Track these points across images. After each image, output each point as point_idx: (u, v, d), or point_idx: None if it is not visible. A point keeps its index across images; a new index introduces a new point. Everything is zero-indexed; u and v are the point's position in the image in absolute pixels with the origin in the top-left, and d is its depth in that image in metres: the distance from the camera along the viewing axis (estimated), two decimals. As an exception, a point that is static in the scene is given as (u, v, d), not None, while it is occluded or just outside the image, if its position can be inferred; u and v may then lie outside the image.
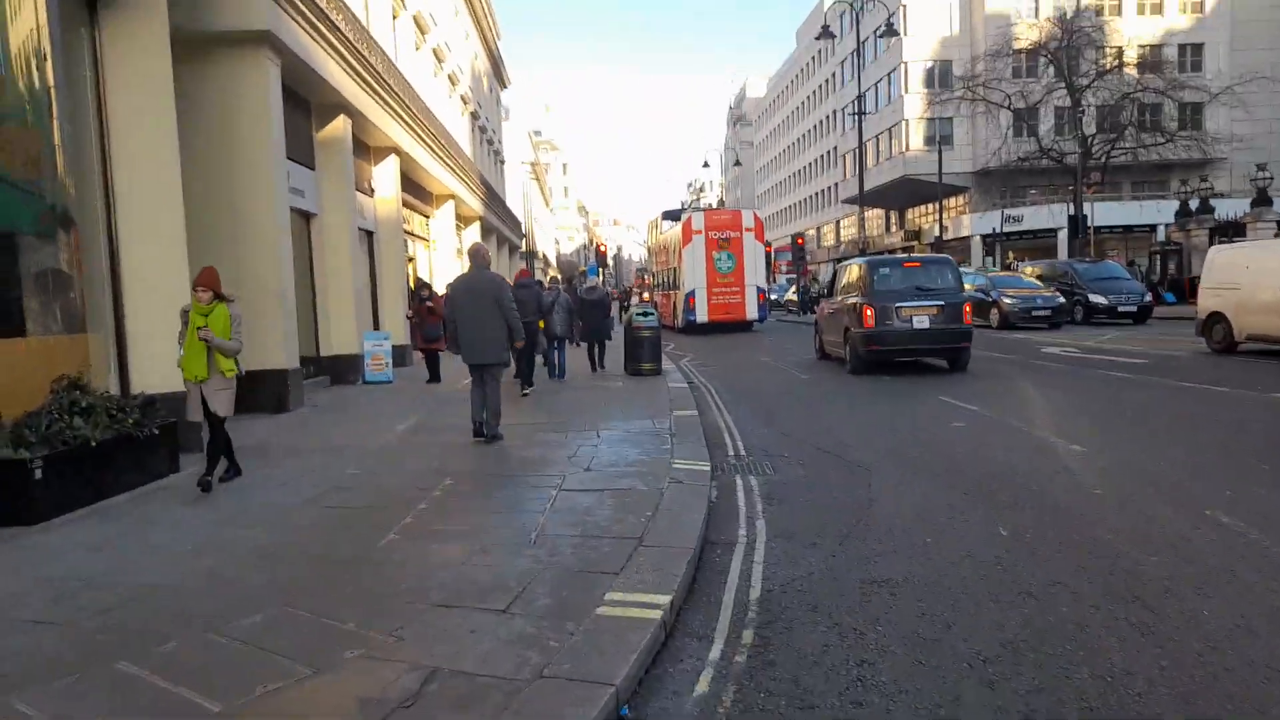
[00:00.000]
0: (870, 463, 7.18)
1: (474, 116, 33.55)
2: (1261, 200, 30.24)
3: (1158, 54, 41.22)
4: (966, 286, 25.68)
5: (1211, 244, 33.20)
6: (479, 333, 8.03)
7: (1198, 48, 46.85)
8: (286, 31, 10.71)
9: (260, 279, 10.26)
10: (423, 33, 24.01)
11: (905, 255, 22.66)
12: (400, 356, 17.67)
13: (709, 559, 4.88)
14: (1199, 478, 6.23)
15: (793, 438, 8.59)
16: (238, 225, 10.25)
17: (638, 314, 14.10)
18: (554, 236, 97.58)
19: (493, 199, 33.71)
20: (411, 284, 20.55)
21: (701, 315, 26.43)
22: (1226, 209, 34.20)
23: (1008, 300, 22.59)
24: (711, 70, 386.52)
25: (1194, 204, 33.73)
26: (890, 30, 25.98)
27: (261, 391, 10.24)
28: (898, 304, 13.33)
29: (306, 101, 13.44)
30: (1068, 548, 4.78)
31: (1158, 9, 48.06)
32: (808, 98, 77.77)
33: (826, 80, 70.62)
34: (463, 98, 30.78)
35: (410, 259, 21.91)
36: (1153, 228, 47.67)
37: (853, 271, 15.18)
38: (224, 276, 6.51)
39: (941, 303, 13.38)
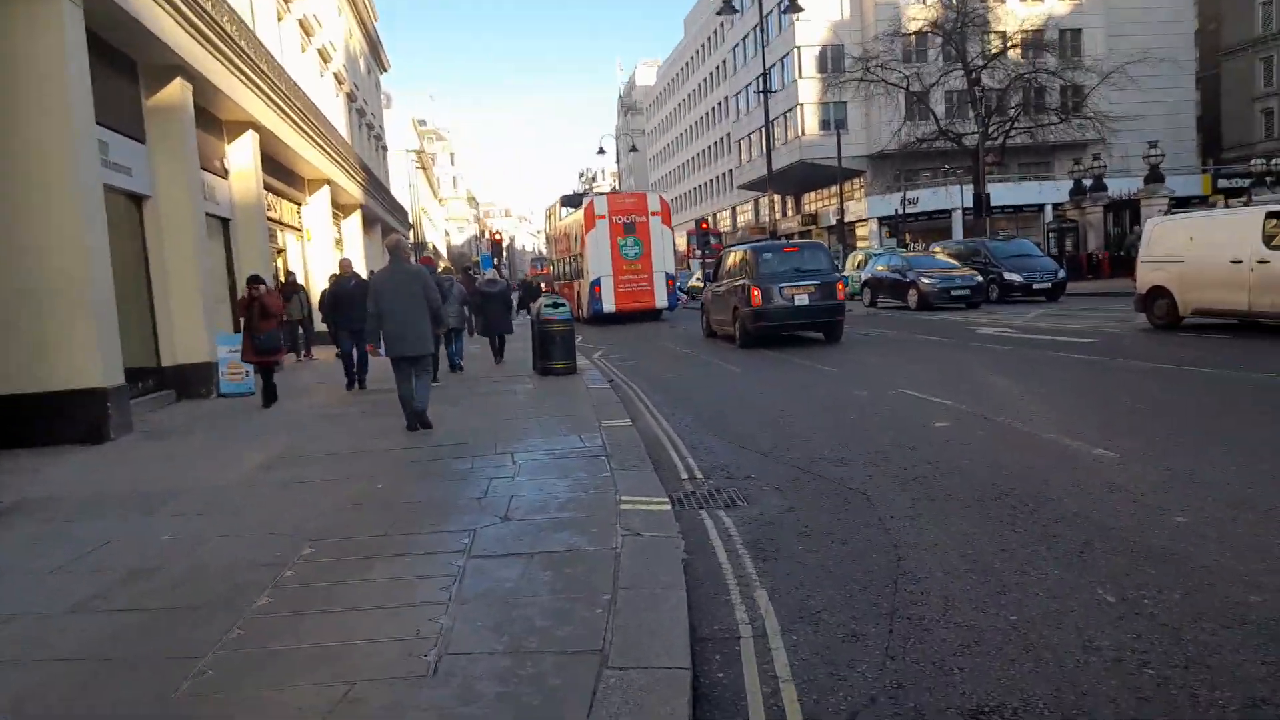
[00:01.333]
0: (863, 484, 5.64)
1: (350, 98, 30.82)
2: (1154, 177, 30.68)
3: (1039, 38, 41.65)
4: (880, 268, 25.25)
5: (1106, 221, 33.78)
6: (407, 325, 7.90)
7: (1076, 33, 47.96)
8: (89, -39, 8.39)
9: (57, 272, 7.95)
10: (286, 1, 21.40)
11: (783, 241, 22.19)
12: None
13: (707, 673, 3.18)
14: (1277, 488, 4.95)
15: (752, 449, 7.00)
16: (21, 204, 7.90)
17: (547, 305, 12.28)
18: (444, 228, 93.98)
19: (375, 187, 31.07)
20: (281, 277, 18.14)
21: (609, 305, 24.76)
22: (1113, 187, 34.74)
23: (926, 281, 21.78)
24: (597, 58, 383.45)
25: (1087, 182, 34.18)
26: (794, 5, 24.79)
27: (68, 419, 7.97)
28: (781, 284, 14.74)
29: (130, 60, 11.00)
30: (1219, 622, 3.31)
31: (1038, -5, 49.01)
32: (699, 85, 76.97)
33: (717, 67, 69.87)
34: (336, 76, 28.09)
35: (279, 250, 19.39)
36: (1040, 207, 48.83)
37: (737, 256, 16.51)
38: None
39: (818, 282, 14.91)
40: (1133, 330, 14.06)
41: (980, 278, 21.99)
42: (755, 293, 14.73)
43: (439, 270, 16.62)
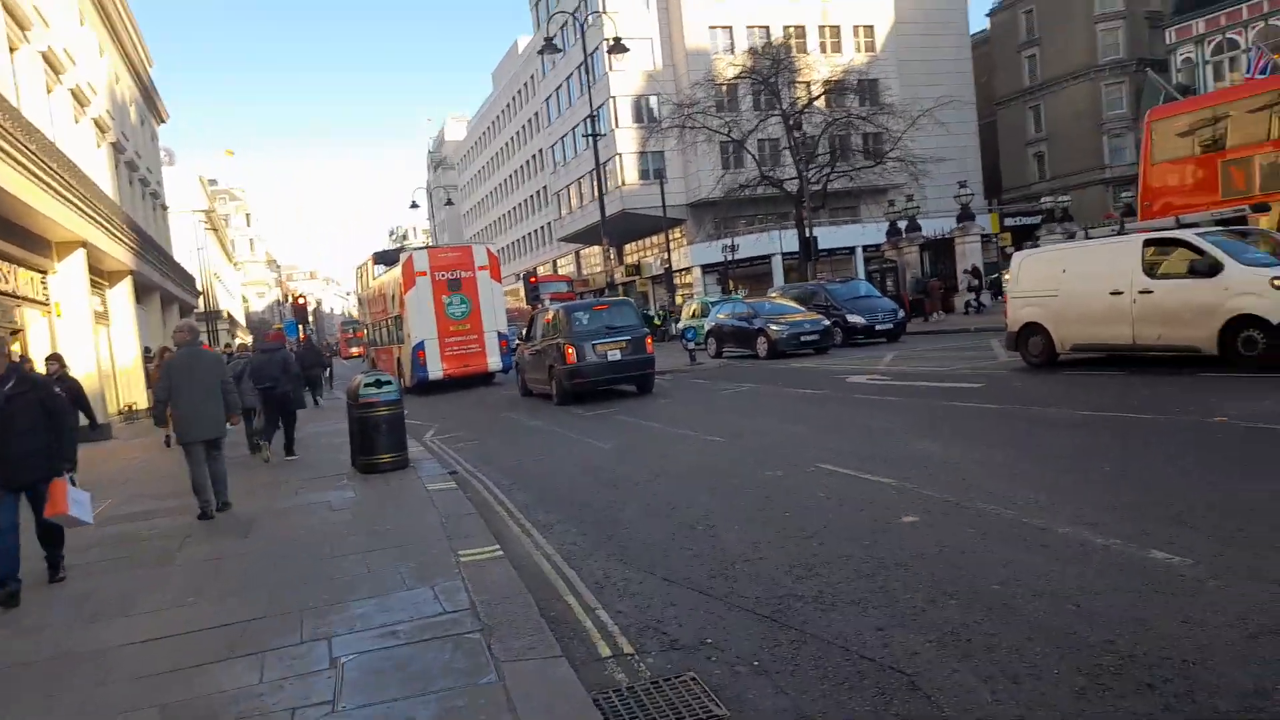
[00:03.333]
0: (883, 649, 3.75)
1: (117, 149, 26.65)
2: (965, 215, 31.85)
3: (841, 87, 43.16)
4: (722, 316, 24.18)
5: (922, 260, 34.77)
6: (203, 409, 7.97)
7: (874, 82, 50.46)
8: None
9: None
10: (22, 28, 17.73)
11: (594, 299, 21.77)
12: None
13: None
14: None
15: (684, 584, 4.96)
16: None
17: (368, 385, 9.74)
18: (240, 294, 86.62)
19: (151, 250, 26.82)
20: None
21: (435, 371, 22.09)
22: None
23: (775, 328, 20.75)
24: (403, 114, 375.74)
25: (902, 224, 35.17)
26: (618, 45, 23.60)
27: None
28: (594, 342, 15.25)
29: None
30: None
31: (837, 48, 51.39)
32: (512, 138, 75.60)
33: (530, 120, 68.72)
34: (97, 123, 24.04)
35: (14, 331, 15.51)
36: (852, 249, 50.61)
37: (549, 316, 16.99)
38: None
39: (628, 337, 15.48)
40: (1009, 370, 13.28)
41: (827, 322, 21.26)
42: (570, 351, 15.15)
43: (235, 347, 14.66)
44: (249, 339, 70.60)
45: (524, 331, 19.20)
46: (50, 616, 5.30)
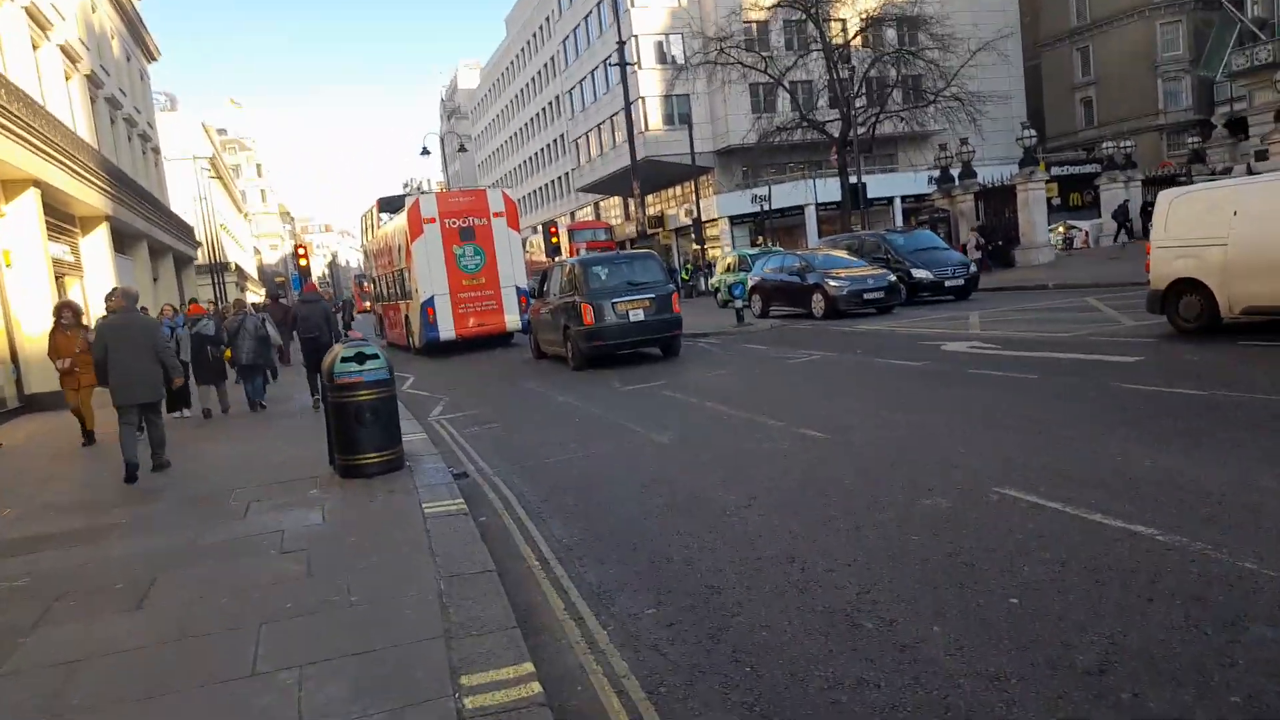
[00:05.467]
0: None
1: (93, 82, 24.01)
2: (1028, 160, 28.77)
3: (884, 21, 39.63)
4: (767, 269, 21.55)
5: (977, 209, 31.71)
6: (136, 373, 7.86)
7: (915, 19, 46.80)
8: None
9: None
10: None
11: (615, 253, 19.26)
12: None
13: None
14: None
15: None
16: None
17: (346, 358, 7.22)
18: (253, 245, 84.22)
19: (134, 195, 24.30)
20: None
21: (447, 331, 19.64)
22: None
23: (833, 283, 18.08)
24: (416, 63, 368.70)
25: (955, 170, 32.11)
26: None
27: None
28: (614, 300, 13.71)
29: None
30: None
31: (875, -17, 47.57)
32: (527, 85, 72.07)
33: (545, 65, 65.18)
34: (65, 50, 21.38)
35: (-59, 284, 13.12)
36: (889, 200, 47.37)
37: (565, 271, 15.15)
38: None
39: (652, 295, 13.93)
40: (1157, 337, 10.60)
41: (893, 277, 18.55)
42: (587, 310, 13.66)
43: (232, 305, 14.75)
44: (261, 291, 68.40)
45: (538, 287, 16.94)
46: None
